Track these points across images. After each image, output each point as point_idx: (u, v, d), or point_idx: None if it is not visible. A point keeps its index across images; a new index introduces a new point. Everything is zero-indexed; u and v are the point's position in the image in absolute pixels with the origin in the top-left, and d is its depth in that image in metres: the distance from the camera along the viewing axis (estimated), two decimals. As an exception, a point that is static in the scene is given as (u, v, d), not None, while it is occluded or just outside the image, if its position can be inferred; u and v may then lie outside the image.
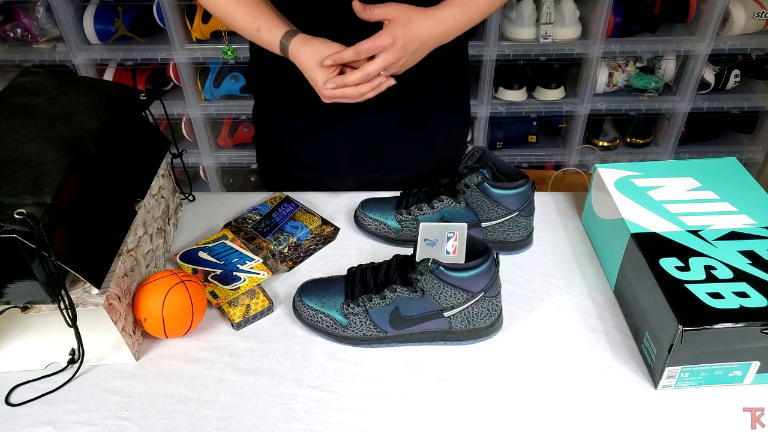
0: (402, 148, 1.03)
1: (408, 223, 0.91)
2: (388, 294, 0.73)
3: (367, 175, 1.06)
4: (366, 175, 1.06)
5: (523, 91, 1.94)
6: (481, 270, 0.70)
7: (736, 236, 0.76)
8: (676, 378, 0.70)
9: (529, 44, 1.82)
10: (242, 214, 0.97)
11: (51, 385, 0.72)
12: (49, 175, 0.65)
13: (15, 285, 0.66)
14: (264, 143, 1.10)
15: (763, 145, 2.08)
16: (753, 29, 1.83)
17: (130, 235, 0.77)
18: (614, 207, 0.82)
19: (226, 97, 1.95)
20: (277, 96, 1.00)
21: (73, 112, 0.75)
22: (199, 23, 1.79)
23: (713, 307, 0.66)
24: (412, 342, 0.77)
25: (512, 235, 0.89)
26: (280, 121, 1.03)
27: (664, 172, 0.88)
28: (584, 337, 0.78)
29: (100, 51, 1.83)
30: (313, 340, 0.78)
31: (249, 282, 0.83)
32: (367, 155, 1.02)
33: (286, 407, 0.70)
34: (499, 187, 0.84)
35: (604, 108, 1.96)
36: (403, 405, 0.70)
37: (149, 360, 0.76)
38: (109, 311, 0.69)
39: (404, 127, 1.00)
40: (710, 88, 1.97)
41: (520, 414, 0.69)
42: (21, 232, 0.61)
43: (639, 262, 0.74)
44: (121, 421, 0.69)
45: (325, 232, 0.95)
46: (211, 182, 2.14)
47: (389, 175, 1.06)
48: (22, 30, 1.83)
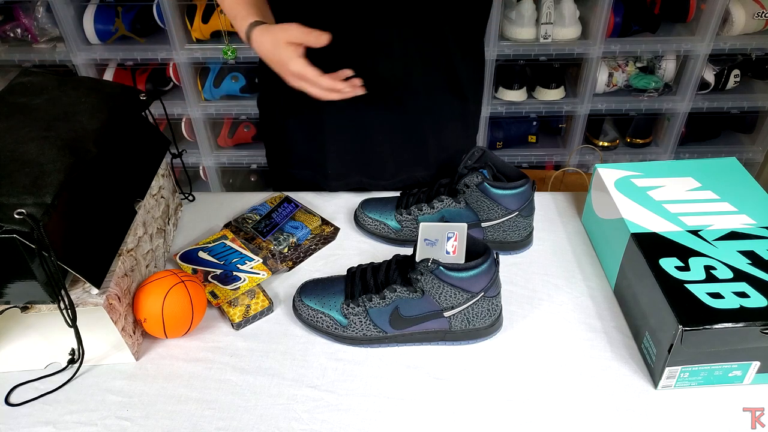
0: (392, 155, 1.02)
1: (408, 223, 0.91)
2: (388, 294, 0.73)
3: (355, 179, 1.05)
4: (354, 179, 1.05)
5: (523, 91, 1.94)
6: (481, 270, 0.70)
7: (736, 236, 0.76)
8: (676, 378, 0.70)
9: (529, 44, 1.82)
10: (242, 214, 0.97)
11: (51, 385, 0.72)
12: (49, 175, 0.65)
13: (15, 285, 0.66)
14: (268, 138, 1.11)
15: (763, 145, 2.08)
16: (753, 29, 1.83)
17: (130, 235, 0.77)
18: (614, 207, 0.82)
19: (226, 97, 1.95)
20: (279, 91, 1.01)
21: (73, 112, 0.75)
22: (199, 23, 1.79)
23: (713, 307, 0.66)
24: (412, 342, 0.77)
25: (512, 235, 0.89)
26: (281, 116, 1.03)
27: (664, 172, 0.88)
28: (584, 337, 0.78)
29: (100, 51, 1.83)
30: (313, 340, 0.78)
31: (249, 282, 0.83)
32: (355, 158, 1.02)
33: (286, 407, 0.70)
34: (499, 187, 0.84)
35: (604, 108, 1.96)
36: (403, 405, 0.70)
37: (149, 360, 0.76)
38: (109, 311, 0.69)
39: (395, 133, 0.99)
40: (710, 88, 1.97)
41: (520, 414, 0.69)
42: (21, 232, 0.61)
43: (639, 262, 0.74)
44: (121, 421, 0.69)
45: (325, 232, 0.95)
46: (211, 182, 2.14)
47: (376, 180, 1.05)
48: (22, 30, 1.83)
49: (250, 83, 1.92)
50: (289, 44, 0.80)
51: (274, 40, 0.81)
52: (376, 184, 1.06)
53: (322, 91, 0.82)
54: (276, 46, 0.81)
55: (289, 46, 0.80)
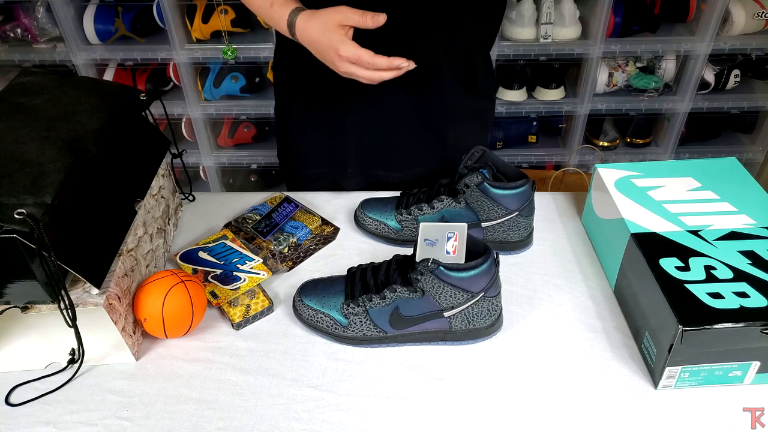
0: (411, 149, 1.03)
1: (408, 223, 0.91)
2: (388, 294, 0.73)
3: (374, 172, 1.06)
4: (373, 172, 1.06)
5: (523, 91, 1.94)
6: (481, 270, 0.70)
7: (736, 236, 0.76)
8: (676, 378, 0.70)
9: (529, 44, 1.82)
10: (242, 214, 0.97)
11: (51, 385, 0.72)
12: (49, 175, 0.65)
13: (15, 285, 0.66)
14: (283, 138, 1.11)
15: (763, 145, 2.08)
16: (753, 29, 1.83)
17: (130, 235, 0.77)
18: (614, 207, 0.82)
19: (226, 97, 1.95)
20: (298, 91, 1.01)
21: (74, 112, 0.75)
22: (199, 23, 1.79)
23: (713, 307, 0.66)
24: (412, 342, 0.77)
25: (512, 235, 0.89)
26: (299, 116, 1.03)
27: (664, 172, 0.88)
28: (584, 337, 0.78)
29: (100, 51, 1.83)
30: (313, 340, 0.78)
31: (249, 282, 0.83)
32: (375, 152, 1.03)
33: (286, 407, 0.70)
34: (499, 187, 0.84)
35: (604, 108, 1.96)
36: (403, 405, 0.70)
37: (149, 360, 0.76)
38: (109, 311, 0.69)
39: (415, 125, 1.00)
40: (710, 88, 1.97)
41: (520, 414, 0.69)
42: (21, 232, 0.60)
43: (639, 262, 0.74)
44: (121, 421, 0.69)
45: (325, 232, 0.95)
46: (211, 182, 2.14)
47: (394, 172, 1.06)
48: (22, 30, 1.83)
49: (250, 83, 1.92)
50: (341, 27, 0.77)
51: (324, 22, 0.78)
52: (393, 176, 1.06)
53: (375, 73, 0.79)
54: (326, 30, 0.78)
55: (340, 29, 0.77)
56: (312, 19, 0.80)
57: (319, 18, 0.79)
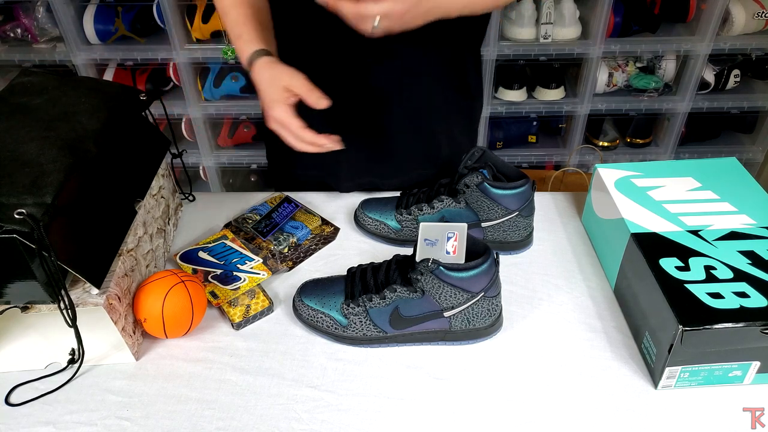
0: (404, 154, 1.02)
1: (408, 223, 0.91)
2: (388, 294, 0.73)
3: (367, 179, 1.05)
4: (366, 179, 1.05)
5: (523, 91, 1.94)
6: (481, 270, 0.70)
7: (736, 236, 0.76)
8: (676, 378, 0.70)
9: (529, 44, 1.82)
10: (242, 214, 0.97)
11: (51, 385, 0.72)
12: (49, 175, 0.65)
13: (15, 285, 0.66)
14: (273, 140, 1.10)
15: (763, 145, 2.08)
16: (753, 29, 1.83)
17: (130, 235, 0.77)
18: (614, 207, 0.82)
19: (226, 97, 1.95)
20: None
21: (74, 112, 0.75)
22: (199, 23, 1.79)
23: (713, 307, 0.66)
24: (412, 342, 0.77)
25: (512, 235, 0.89)
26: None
27: (664, 172, 0.88)
28: (584, 337, 0.78)
29: (100, 51, 1.83)
30: (313, 340, 0.78)
31: (249, 282, 0.83)
32: (368, 159, 1.02)
33: (286, 407, 0.70)
34: (499, 187, 0.84)
35: (604, 108, 1.96)
36: (403, 405, 0.70)
37: (149, 360, 0.76)
38: (109, 311, 0.69)
39: (408, 132, 0.99)
40: (710, 88, 1.97)
41: (520, 414, 0.69)
42: (21, 232, 0.61)
43: (639, 262, 0.74)
44: (121, 421, 0.69)
45: (325, 232, 0.95)
46: (211, 182, 2.14)
47: (388, 179, 1.05)
48: (22, 30, 1.83)
49: (250, 83, 1.91)
50: (287, 89, 0.79)
51: (274, 76, 0.81)
52: (388, 184, 1.06)
53: (299, 143, 0.81)
54: (272, 84, 0.81)
55: (285, 91, 0.79)
56: (268, 68, 0.82)
57: (273, 70, 0.82)
